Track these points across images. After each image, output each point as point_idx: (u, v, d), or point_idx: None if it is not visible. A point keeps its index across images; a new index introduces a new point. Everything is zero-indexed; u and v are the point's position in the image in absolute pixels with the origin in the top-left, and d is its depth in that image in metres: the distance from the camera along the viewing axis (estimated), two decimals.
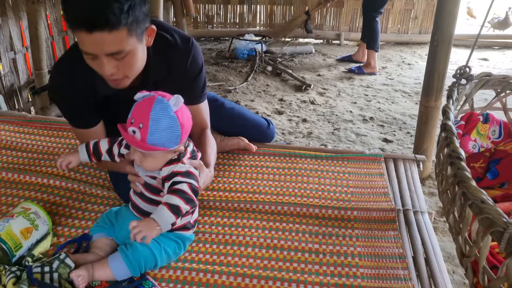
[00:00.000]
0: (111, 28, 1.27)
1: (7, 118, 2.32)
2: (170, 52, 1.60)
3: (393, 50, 6.06)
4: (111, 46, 1.31)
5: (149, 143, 1.22)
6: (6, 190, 1.75)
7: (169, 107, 1.24)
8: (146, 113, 1.21)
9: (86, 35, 1.28)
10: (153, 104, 1.22)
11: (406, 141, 3.42)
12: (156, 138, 1.22)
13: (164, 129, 1.23)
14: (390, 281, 1.37)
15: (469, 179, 1.26)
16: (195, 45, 1.66)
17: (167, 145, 1.25)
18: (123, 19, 1.27)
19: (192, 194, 1.29)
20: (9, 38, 3.29)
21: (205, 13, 6.39)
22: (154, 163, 1.31)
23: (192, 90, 1.70)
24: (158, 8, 4.36)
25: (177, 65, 1.63)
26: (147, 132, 1.21)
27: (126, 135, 1.24)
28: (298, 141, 3.36)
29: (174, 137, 1.26)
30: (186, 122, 1.28)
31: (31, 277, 1.27)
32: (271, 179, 1.91)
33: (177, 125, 1.25)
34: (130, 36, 1.33)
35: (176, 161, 1.33)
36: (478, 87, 2.08)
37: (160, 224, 1.24)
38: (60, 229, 1.56)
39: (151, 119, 1.21)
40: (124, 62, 1.38)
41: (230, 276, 1.37)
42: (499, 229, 1.06)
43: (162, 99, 1.24)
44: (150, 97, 1.25)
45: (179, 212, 1.26)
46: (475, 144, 2.13)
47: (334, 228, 1.62)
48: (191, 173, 1.33)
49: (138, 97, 1.27)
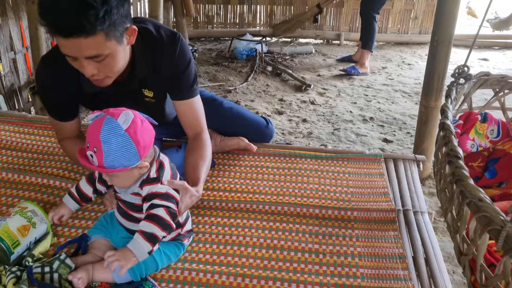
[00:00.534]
0: (87, 34, 1.27)
1: (7, 118, 2.33)
2: (156, 48, 1.60)
3: (393, 50, 6.06)
4: (89, 50, 1.32)
5: (106, 166, 1.19)
6: (6, 190, 1.75)
7: (118, 126, 1.18)
8: (97, 136, 1.18)
9: (63, 40, 1.29)
10: (101, 126, 1.18)
11: (406, 141, 3.42)
12: (111, 160, 1.18)
13: (117, 150, 1.18)
14: (390, 281, 1.37)
15: (467, 177, 1.26)
16: (181, 39, 1.66)
17: (126, 164, 1.20)
18: (98, 25, 1.27)
19: (169, 220, 1.28)
20: (9, 38, 3.29)
21: (205, 13, 6.40)
22: (122, 181, 1.29)
23: (180, 84, 1.69)
24: (158, 8, 4.37)
25: (163, 61, 1.63)
26: (102, 155, 1.18)
27: (84, 161, 1.22)
28: (298, 141, 3.36)
29: (130, 155, 1.20)
30: (142, 137, 1.21)
31: (31, 277, 1.27)
32: (271, 179, 1.91)
33: (130, 143, 1.19)
34: (108, 40, 1.33)
35: (156, 180, 1.30)
36: (476, 87, 2.09)
37: (136, 255, 1.25)
38: (60, 229, 1.56)
39: (102, 141, 1.17)
40: (104, 64, 1.39)
41: (230, 276, 1.38)
42: (496, 227, 1.06)
43: (111, 118, 1.18)
44: (99, 118, 1.20)
45: (155, 240, 1.26)
46: (473, 143, 2.13)
47: (334, 228, 1.62)
48: (170, 195, 1.31)
49: (90, 118, 1.23)
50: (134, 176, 1.28)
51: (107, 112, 1.21)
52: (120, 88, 1.61)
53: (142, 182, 1.30)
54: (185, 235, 1.45)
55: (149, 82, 1.68)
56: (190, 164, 1.60)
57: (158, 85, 1.70)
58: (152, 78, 1.65)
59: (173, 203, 1.31)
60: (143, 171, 1.28)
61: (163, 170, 1.33)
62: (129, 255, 1.24)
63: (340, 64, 5.32)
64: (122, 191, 1.34)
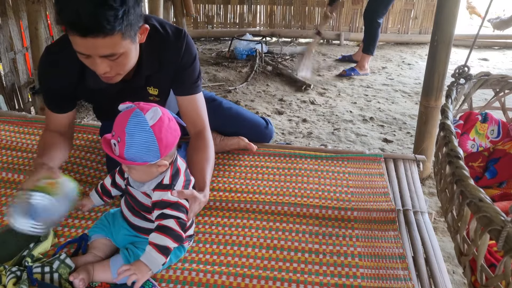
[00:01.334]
0: (105, 34, 1.27)
1: (7, 118, 2.33)
2: (162, 45, 1.61)
3: (393, 50, 6.06)
4: (105, 49, 1.32)
5: (126, 157, 1.20)
6: (6, 190, 1.75)
7: (145, 121, 1.19)
8: (123, 127, 1.19)
9: (79, 39, 1.29)
10: (129, 118, 1.19)
11: (406, 141, 3.42)
12: (132, 153, 1.19)
13: (139, 144, 1.19)
14: (390, 281, 1.37)
15: (467, 177, 1.26)
16: (187, 36, 1.66)
17: (146, 159, 1.21)
18: (117, 26, 1.27)
19: (179, 230, 1.29)
20: (9, 38, 3.29)
21: (205, 13, 6.40)
22: (139, 176, 1.30)
23: (185, 80, 1.70)
24: (158, 8, 4.37)
25: (170, 58, 1.63)
26: (124, 146, 1.19)
27: (106, 148, 1.23)
28: (298, 141, 3.36)
29: (151, 151, 1.21)
30: (165, 136, 1.22)
31: (31, 277, 1.27)
32: (271, 179, 1.91)
33: (153, 139, 1.20)
34: (124, 40, 1.33)
35: (168, 188, 1.30)
36: (477, 87, 2.09)
37: (151, 269, 1.27)
38: (60, 229, 1.56)
39: (126, 133, 1.18)
40: (118, 62, 1.40)
41: (230, 276, 1.38)
42: (497, 228, 1.06)
43: (139, 112, 1.20)
44: (128, 110, 1.22)
45: (168, 252, 1.28)
46: (473, 143, 2.13)
47: (334, 228, 1.62)
48: (180, 204, 1.31)
49: (122, 108, 1.24)
50: (152, 173, 1.29)
51: (137, 105, 1.22)
52: (125, 85, 1.62)
53: (157, 185, 1.31)
54: (186, 239, 1.45)
55: (155, 79, 1.68)
56: (195, 166, 1.59)
57: (163, 82, 1.70)
58: (158, 75, 1.66)
59: (183, 213, 1.31)
60: (161, 169, 1.29)
61: (177, 178, 1.33)
62: (144, 269, 1.26)
63: (340, 64, 5.31)
64: (135, 185, 1.34)
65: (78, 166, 1.94)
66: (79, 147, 2.10)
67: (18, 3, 3.32)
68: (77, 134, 2.21)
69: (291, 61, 5.37)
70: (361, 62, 4.99)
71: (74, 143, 2.12)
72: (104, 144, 1.24)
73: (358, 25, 6.20)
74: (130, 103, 1.23)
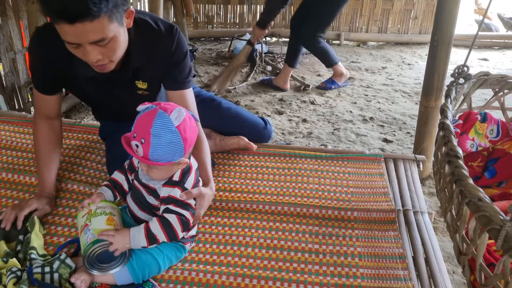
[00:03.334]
0: (93, 17, 1.27)
1: (7, 118, 2.33)
2: (154, 39, 1.61)
3: (393, 50, 6.06)
4: (94, 34, 1.32)
5: (151, 158, 1.21)
6: (6, 191, 1.76)
7: (170, 122, 1.21)
8: (147, 128, 1.19)
9: (67, 27, 1.29)
10: (154, 119, 1.20)
11: (406, 141, 3.42)
12: (158, 153, 1.21)
13: (165, 145, 1.20)
14: (390, 281, 1.37)
15: (467, 177, 1.26)
16: (178, 32, 1.67)
17: (170, 159, 1.23)
18: (103, 7, 1.28)
19: (178, 230, 1.29)
20: (9, 38, 3.29)
21: (205, 13, 6.39)
22: (160, 174, 1.31)
23: (176, 76, 1.70)
24: (158, 8, 4.37)
25: (161, 52, 1.64)
26: (149, 148, 1.20)
27: (129, 150, 1.23)
28: (298, 141, 3.36)
29: (177, 151, 1.23)
30: (189, 135, 1.25)
31: (31, 278, 1.27)
32: (271, 179, 1.91)
33: (179, 139, 1.22)
34: (111, 22, 1.34)
35: (177, 185, 1.31)
36: (476, 87, 2.09)
37: (131, 244, 1.28)
38: (60, 229, 1.57)
39: (152, 135, 1.19)
40: (108, 48, 1.40)
41: (230, 276, 1.38)
42: (496, 227, 1.06)
43: (163, 113, 1.21)
44: (151, 111, 1.22)
45: (154, 242, 1.29)
46: (473, 143, 2.13)
47: (334, 228, 1.62)
48: (186, 202, 1.32)
49: (141, 109, 1.25)
50: (173, 170, 1.31)
51: (159, 105, 1.23)
52: (113, 76, 1.62)
53: (166, 181, 1.32)
54: (188, 239, 1.45)
55: (144, 73, 1.68)
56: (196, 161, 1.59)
57: (153, 76, 1.70)
58: (148, 69, 1.66)
59: (188, 210, 1.31)
60: (182, 166, 1.31)
61: (187, 175, 1.34)
62: (125, 238, 1.27)
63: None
64: (144, 178, 1.35)
65: (78, 167, 1.94)
66: (79, 147, 2.10)
67: (18, 3, 3.31)
68: (77, 134, 2.21)
69: None
70: (336, 72, 4.43)
71: (74, 143, 2.13)
72: (125, 144, 1.24)
73: (358, 25, 6.19)
74: (150, 104, 1.24)
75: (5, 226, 1.50)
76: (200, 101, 2.14)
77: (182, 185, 1.32)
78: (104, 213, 1.34)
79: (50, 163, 1.71)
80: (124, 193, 1.47)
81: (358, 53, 5.85)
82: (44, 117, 1.74)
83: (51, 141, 1.75)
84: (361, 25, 6.20)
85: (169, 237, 1.29)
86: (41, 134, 1.73)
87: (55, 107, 1.75)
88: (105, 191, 1.43)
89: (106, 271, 1.28)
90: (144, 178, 1.35)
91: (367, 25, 6.19)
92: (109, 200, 1.41)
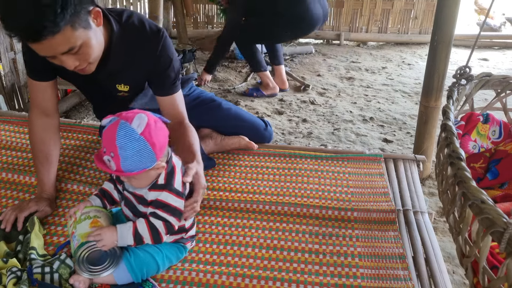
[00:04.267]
0: (53, 33, 1.28)
1: (7, 118, 2.33)
2: (138, 42, 1.61)
3: (393, 50, 6.06)
4: (62, 46, 1.33)
5: (124, 170, 1.19)
6: (6, 191, 1.75)
7: (133, 131, 1.18)
8: (113, 142, 1.18)
9: (35, 45, 1.31)
10: (116, 131, 1.18)
11: (406, 141, 3.42)
12: (129, 164, 1.18)
13: (134, 154, 1.18)
14: (390, 281, 1.37)
15: (469, 179, 1.26)
16: (165, 36, 1.66)
17: (144, 166, 1.21)
18: (60, 21, 1.27)
19: (163, 235, 1.30)
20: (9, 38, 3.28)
21: (205, 13, 6.39)
22: (140, 183, 1.30)
23: (164, 82, 1.70)
24: (158, 8, 4.37)
25: (145, 55, 1.63)
26: (119, 160, 1.18)
27: (102, 166, 1.22)
28: (298, 141, 3.35)
29: (148, 158, 1.21)
30: (156, 139, 1.22)
31: (31, 278, 1.27)
32: (271, 179, 1.91)
33: (146, 146, 1.19)
34: (75, 30, 1.34)
35: (163, 188, 1.30)
36: (478, 87, 2.08)
37: (118, 241, 1.29)
38: (60, 229, 1.56)
39: (118, 147, 1.17)
40: (82, 54, 1.40)
41: (230, 276, 1.38)
42: (499, 229, 1.06)
43: (125, 123, 1.18)
44: (114, 123, 1.20)
45: (139, 242, 1.30)
46: (475, 144, 2.12)
47: (334, 229, 1.62)
48: (175, 208, 1.31)
49: (105, 123, 1.23)
50: (152, 176, 1.29)
51: (120, 116, 1.21)
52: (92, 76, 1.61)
53: (152, 186, 1.30)
54: (188, 239, 1.45)
55: (125, 76, 1.68)
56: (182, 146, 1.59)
57: (136, 78, 1.70)
58: (130, 70, 1.66)
59: (175, 216, 1.31)
60: (160, 171, 1.29)
61: (172, 177, 1.32)
62: (113, 235, 1.28)
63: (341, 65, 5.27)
64: (131, 188, 1.34)
65: (78, 167, 1.94)
66: (79, 147, 2.09)
67: None
68: (77, 135, 2.20)
69: (291, 61, 5.37)
70: (263, 81, 4.27)
71: (74, 144, 2.12)
72: (98, 163, 1.22)
73: (358, 25, 6.19)
74: (112, 116, 1.22)
75: (5, 227, 1.50)
76: (201, 102, 2.14)
77: (170, 187, 1.30)
78: (88, 217, 1.33)
79: (48, 165, 1.68)
80: (113, 202, 1.46)
81: (358, 53, 5.85)
82: (40, 112, 1.70)
83: (49, 141, 1.71)
84: (361, 25, 6.20)
85: (154, 240, 1.30)
86: (37, 134, 1.69)
87: (51, 97, 1.71)
88: (93, 199, 1.42)
89: (98, 274, 1.28)
90: (130, 187, 1.35)
91: (367, 25, 6.19)
92: (96, 205, 1.40)
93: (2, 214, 1.54)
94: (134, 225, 1.29)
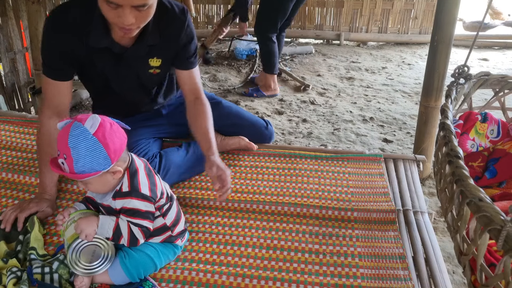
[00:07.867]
0: None
1: (7, 118, 2.33)
2: (168, 18, 1.66)
3: (393, 50, 6.06)
4: None
5: (77, 171, 1.18)
6: (6, 191, 1.75)
7: (86, 131, 1.17)
8: (65, 143, 1.17)
9: None
10: (69, 132, 1.17)
11: (406, 141, 3.42)
12: (81, 165, 1.17)
13: (86, 154, 1.17)
14: (390, 281, 1.37)
15: (467, 177, 1.26)
16: (189, 13, 1.73)
17: (97, 168, 1.19)
18: None
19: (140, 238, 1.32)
20: (9, 38, 3.29)
21: (205, 13, 6.39)
22: (97, 187, 1.29)
23: (186, 55, 1.77)
24: None
25: (175, 30, 1.70)
26: (72, 161, 1.17)
27: (56, 170, 1.21)
28: (298, 141, 3.36)
29: (100, 159, 1.19)
30: (111, 141, 1.20)
31: (31, 278, 1.27)
32: (271, 180, 1.91)
33: (99, 146, 1.18)
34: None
35: (128, 195, 1.29)
36: (476, 87, 2.08)
37: (97, 232, 1.30)
38: (60, 229, 1.56)
39: (70, 147, 1.16)
40: (143, 14, 1.44)
41: (230, 276, 1.38)
42: (496, 227, 1.06)
43: (78, 124, 1.17)
44: (67, 125, 1.19)
45: (116, 239, 1.31)
46: (473, 143, 2.13)
47: (334, 229, 1.62)
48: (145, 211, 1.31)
49: (60, 126, 1.22)
50: (109, 181, 1.28)
51: (75, 118, 1.20)
52: (127, 50, 1.65)
53: (114, 194, 1.30)
54: (177, 236, 1.45)
55: (157, 51, 1.72)
56: (199, 130, 1.74)
57: (166, 53, 1.75)
58: (161, 47, 1.71)
59: (148, 219, 1.32)
60: (117, 176, 1.27)
61: (136, 182, 1.30)
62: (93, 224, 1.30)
63: (341, 65, 5.28)
64: (98, 198, 1.34)
65: None
66: None
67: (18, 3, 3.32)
68: None
69: (291, 61, 5.37)
70: (266, 83, 4.31)
71: None
72: (53, 167, 1.21)
73: (358, 25, 6.19)
74: (68, 119, 1.21)
75: (5, 227, 1.50)
76: None
77: (136, 194, 1.29)
78: (73, 221, 1.34)
79: None
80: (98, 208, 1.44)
81: (358, 53, 5.86)
82: (53, 113, 1.66)
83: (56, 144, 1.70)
84: (361, 25, 6.20)
85: (130, 243, 1.32)
86: (46, 136, 1.65)
87: (66, 98, 1.70)
88: (77, 205, 1.42)
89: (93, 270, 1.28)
90: (97, 198, 1.34)
91: (367, 25, 6.19)
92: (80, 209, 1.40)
93: (2, 214, 1.54)
94: (117, 221, 1.30)
